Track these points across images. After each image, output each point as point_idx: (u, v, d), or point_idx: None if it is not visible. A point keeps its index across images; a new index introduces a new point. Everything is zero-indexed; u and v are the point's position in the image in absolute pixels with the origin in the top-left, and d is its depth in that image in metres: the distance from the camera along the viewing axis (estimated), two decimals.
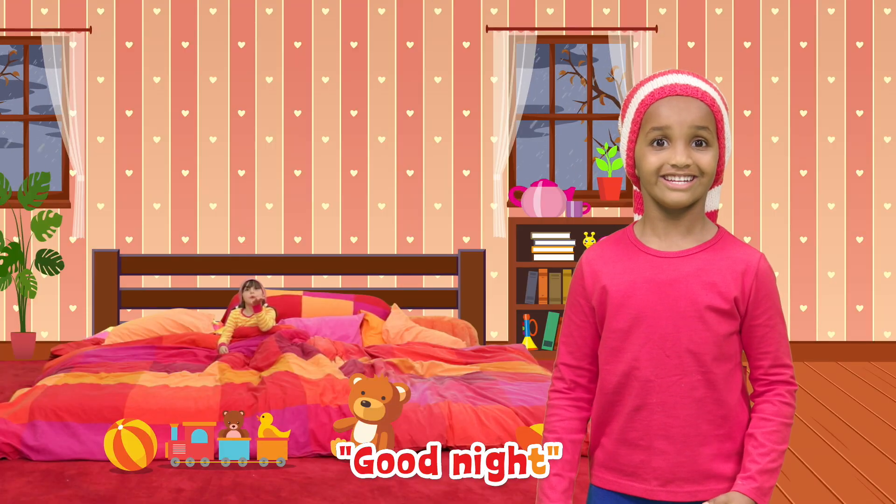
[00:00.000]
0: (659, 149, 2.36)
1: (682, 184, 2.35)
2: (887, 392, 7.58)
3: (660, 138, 2.36)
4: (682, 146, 2.35)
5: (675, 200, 2.36)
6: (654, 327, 2.38)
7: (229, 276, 8.58)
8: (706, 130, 2.35)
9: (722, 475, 2.40)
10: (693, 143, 2.36)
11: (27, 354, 8.45)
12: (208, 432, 4.84)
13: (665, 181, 2.36)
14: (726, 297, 2.37)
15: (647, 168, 2.37)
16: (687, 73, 2.40)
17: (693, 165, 2.35)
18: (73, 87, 8.55)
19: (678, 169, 2.35)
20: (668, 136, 2.36)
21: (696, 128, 2.35)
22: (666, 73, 2.40)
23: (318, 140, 8.77)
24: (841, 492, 5.27)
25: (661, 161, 2.36)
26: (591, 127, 8.99)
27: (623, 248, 2.44)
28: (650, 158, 2.37)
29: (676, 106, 2.35)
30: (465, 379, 5.84)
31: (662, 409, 2.39)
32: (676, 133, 2.35)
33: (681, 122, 2.35)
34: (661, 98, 2.36)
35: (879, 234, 8.82)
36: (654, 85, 2.38)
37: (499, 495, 4.43)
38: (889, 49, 8.80)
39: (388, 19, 8.77)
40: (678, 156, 2.35)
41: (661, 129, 2.35)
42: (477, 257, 8.12)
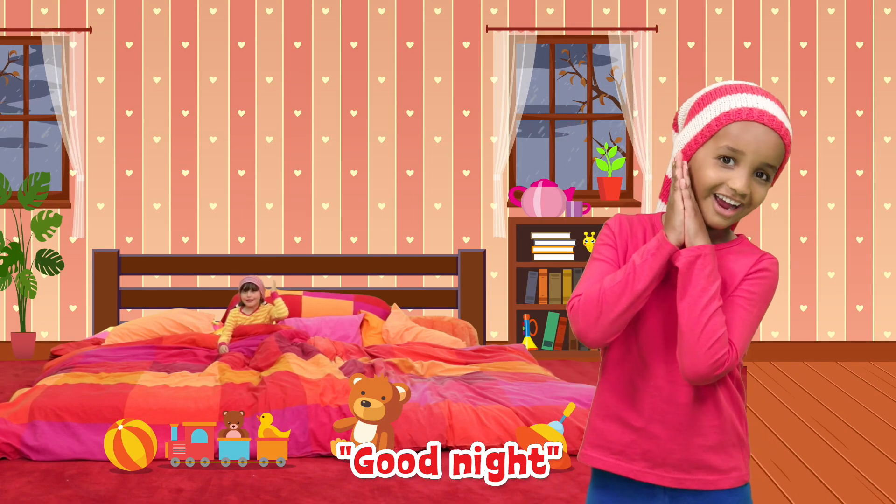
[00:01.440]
0: (724, 166, 2.36)
1: (729, 211, 2.37)
2: (887, 392, 7.58)
3: (728, 156, 2.36)
4: (746, 174, 2.35)
5: (715, 223, 2.38)
6: (664, 315, 2.40)
7: (229, 276, 8.58)
8: (772, 168, 2.36)
9: (710, 466, 2.41)
10: (756, 174, 2.36)
11: (27, 354, 8.45)
12: (208, 432, 4.84)
13: (715, 201, 2.37)
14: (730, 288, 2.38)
15: (706, 181, 2.36)
16: (773, 99, 2.38)
17: (748, 196, 2.36)
18: (73, 87, 8.55)
19: (735, 194, 2.35)
20: (738, 160, 2.36)
21: (766, 164, 2.35)
22: (754, 90, 2.38)
23: (318, 140, 8.77)
24: (841, 492, 5.27)
25: (721, 179, 2.35)
26: (591, 127, 8.99)
27: (648, 232, 2.45)
28: (710, 173, 2.36)
29: (757, 135, 2.35)
30: (465, 379, 5.84)
31: (660, 393, 2.41)
32: (748, 160, 2.35)
33: (756, 152, 2.34)
34: (750, 120, 2.35)
35: (879, 234, 8.82)
36: (742, 101, 2.36)
37: (499, 495, 4.43)
38: (889, 49, 8.80)
39: (388, 19, 8.77)
40: (740, 182, 2.35)
41: (735, 151, 2.35)
42: (477, 257, 8.12)
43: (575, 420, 5.08)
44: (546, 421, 5.08)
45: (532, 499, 4.38)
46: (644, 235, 2.45)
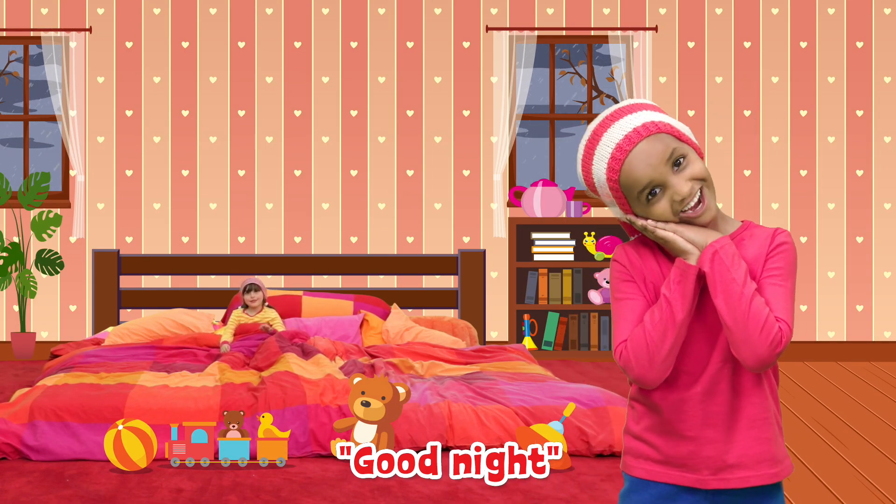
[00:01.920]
0: (657, 197, 2.36)
1: (699, 207, 2.36)
2: (887, 392, 7.58)
3: (649, 193, 2.36)
4: (673, 179, 2.35)
5: (706, 220, 2.37)
6: (694, 319, 2.40)
7: (229, 276, 8.58)
8: (674, 150, 2.34)
9: (771, 458, 2.42)
10: (675, 167, 2.35)
11: (27, 354, 8.45)
12: (208, 432, 4.84)
13: (685, 216, 2.36)
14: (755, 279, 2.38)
15: (662, 217, 2.36)
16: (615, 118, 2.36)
17: (693, 183, 2.35)
18: (73, 87, 8.55)
19: (687, 197, 2.34)
20: (656, 184, 2.35)
21: (668, 159, 2.34)
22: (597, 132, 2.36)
23: (318, 140, 8.77)
24: (841, 492, 5.27)
25: (668, 205, 2.35)
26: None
27: (652, 247, 2.44)
28: (657, 210, 2.36)
29: (644, 157, 2.34)
30: (465, 379, 5.84)
31: (707, 397, 2.41)
32: (657, 174, 2.34)
33: (651, 165, 2.33)
34: (621, 164, 2.34)
35: (879, 234, 8.82)
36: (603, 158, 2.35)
37: (499, 495, 4.43)
38: (889, 49, 8.80)
39: (388, 19, 8.78)
40: (680, 189, 2.34)
41: (645, 186, 2.35)
42: (477, 257, 8.12)
43: (575, 420, 5.08)
44: (546, 421, 5.09)
45: (532, 499, 4.38)
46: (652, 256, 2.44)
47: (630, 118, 2.36)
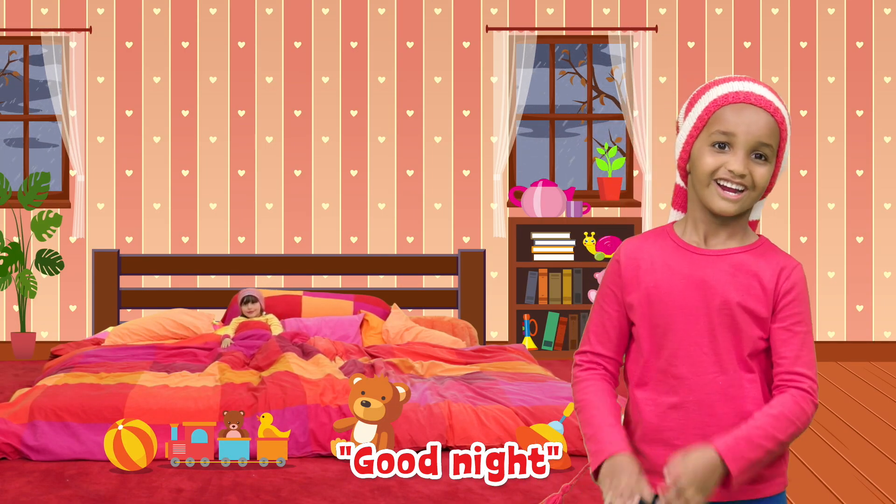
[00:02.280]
0: (720, 152, 2.36)
1: (733, 194, 2.36)
2: (887, 392, 7.58)
3: (723, 142, 2.36)
4: (742, 154, 2.36)
5: (721, 209, 2.37)
6: (691, 324, 2.38)
7: (229, 276, 8.58)
8: (768, 147, 2.37)
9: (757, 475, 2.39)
10: (753, 155, 2.36)
11: (27, 354, 8.45)
12: (208, 432, 4.84)
13: (717, 186, 2.36)
14: (759, 300, 2.36)
15: (703, 168, 2.37)
16: (762, 84, 2.40)
17: (748, 176, 2.35)
18: (73, 87, 8.55)
19: (734, 176, 2.35)
20: (732, 143, 2.36)
21: (761, 142, 2.36)
22: (742, 79, 2.40)
23: (318, 140, 8.77)
24: (841, 492, 5.27)
25: (718, 164, 2.36)
26: (591, 127, 8.99)
27: (662, 243, 2.43)
28: (708, 159, 2.37)
29: (747, 115, 2.36)
30: (465, 379, 5.84)
31: (699, 407, 2.39)
32: (741, 141, 2.35)
33: (748, 132, 2.35)
34: (735, 103, 2.37)
35: (879, 234, 8.82)
36: (729, 88, 2.38)
37: (499, 495, 4.43)
38: (889, 49, 8.80)
39: (388, 19, 8.77)
40: (737, 163, 2.35)
41: (727, 134, 2.36)
42: (477, 257, 8.12)
43: (575, 420, 5.08)
44: (546, 421, 5.09)
45: (532, 499, 4.38)
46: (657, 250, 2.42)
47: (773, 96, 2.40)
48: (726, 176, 2.35)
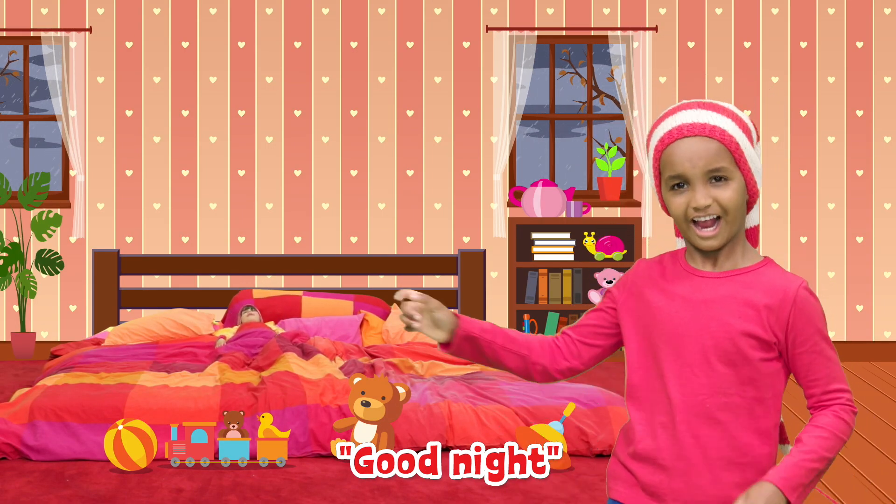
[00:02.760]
0: (680, 191, 2.36)
1: (709, 230, 2.35)
2: (887, 392, 7.58)
3: (678, 183, 2.36)
4: (700, 187, 2.34)
5: (705, 247, 2.37)
6: (686, 346, 2.37)
7: (229, 276, 8.58)
8: (721, 168, 2.34)
9: None
10: (711, 180, 2.35)
11: (27, 354, 8.45)
12: (208, 432, 4.84)
13: (694, 227, 2.36)
14: (758, 323, 2.35)
15: (675, 212, 2.38)
16: (697, 107, 2.37)
17: (714, 204, 2.34)
18: (73, 87, 8.55)
19: (700, 211, 2.34)
20: (686, 180, 2.35)
21: (710, 169, 2.34)
22: (677, 108, 2.38)
23: (318, 140, 8.77)
24: (841, 492, 5.27)
25: (684, 204, 2.36)
26: (591, 127, 8.99)
27: (672, 266, 2.45)
28: (673, 202, 2.37)
29: (688, 149, 2.34)
30: (465, 379, 5.84)
31: (688, 428, 2.37)
32: (691, 175, 2.34)
33: (693, 166, 2.34)
34: (673, 141, 2.35)
35: (879, 234, 8.82)
36: (665, 127, 2.37)
37: (499, 495, 4.43)
38: (889, 49, 8.80)
39: (388, 19, 8.77)
40: (698, 198, 2.34)
41: (677, 176, 2.36)
42: (477, 257, 8.12)
43: (575, 420, 5.08)
44: (546, 421, 5.09)
45: (532, 499, 4.38)
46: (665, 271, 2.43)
47: (709, 114, 2.35)
48: (694, 214, 2.35)
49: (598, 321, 2.50)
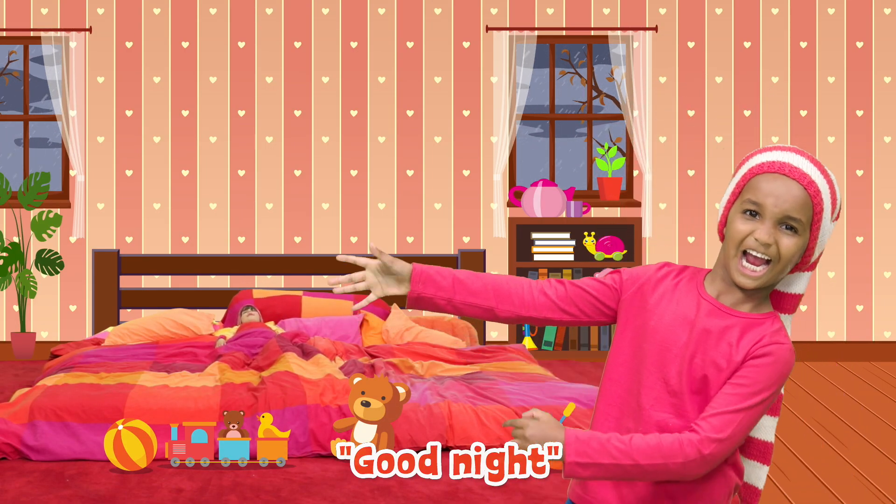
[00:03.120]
0: (750, 219, 2.35)
1: (756, 269, 2.34)
2: (887, 392, 7.58)
3: (753, 210, 2.35)
4: (769, 224, 2.34)
5: (741, 283, 2.36)
6: (668, 363, 2.37)
7: (229, 276, 8.58)
8: (797, 220, 2.33)
9: None
10: (783, 227, 2.34)
11: (27, 354, 8.45)
12: (208, 432, 4.84)
13: (743, 258, 2.35)
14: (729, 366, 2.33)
15: (734, 234, 2.36)
16: (804, 156, 2.37)
17: (773, 247, 2.33)
18: (73, 87, 8.55)
19: (759, 245, 2.33)
20: (761, 212, 2.35)
21: (788, 215, 2.33)
22: (786, 149, 2.38)
23: (318, 140, 8.77)
24: (841, 492, 5.27)
25: (748, 231, 2.35)
26: (591, 127, 8.99)
27: (688, 284, 2.43)
28: (738, 226, 2.36)
29: (778, 186, 2.34)
30: (465, 379, 5.84)
31: None
32: (768, 211, 2.34)
33: (776, 203, 2.33)
34: (769, 173, 2.35)
35: (879, 234, 8.82)
36: (766, 157, 2.37)
37: (499, 495, 4.43)
38: (889, 49, 8.80)
39: (388, 19, 8.77)
40: (763, 233, 2.33)
41: (756, 204, 2.35)
42: (477, 257, 8.12)
43: (575, 420, 5.08)
44: None
45: (532, 499, 4.38)
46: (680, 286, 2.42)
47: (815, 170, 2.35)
48: (752, 245, 2.34)
49: (598, 294, 2.48)
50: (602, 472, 2.28)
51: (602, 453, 2.27)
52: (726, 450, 2.27)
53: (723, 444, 2.27)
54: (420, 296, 2.51)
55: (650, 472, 2.26)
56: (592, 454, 2.27)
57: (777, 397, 2.37)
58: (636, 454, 2.26)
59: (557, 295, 2.49)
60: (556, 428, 2.30)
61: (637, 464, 2.26)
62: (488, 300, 2.50)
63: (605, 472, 2.28)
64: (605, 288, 2.48)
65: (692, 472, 2.27)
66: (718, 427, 2.27)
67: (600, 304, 2.48)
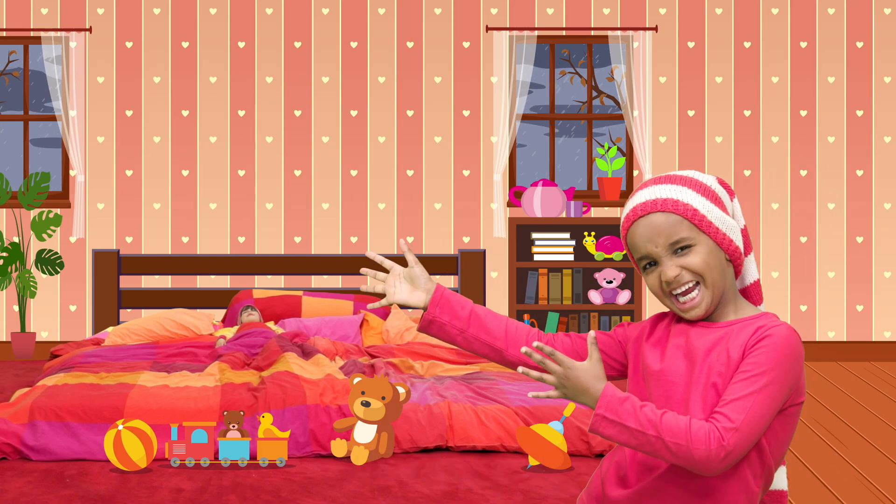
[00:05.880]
0: (652, 270, 2.35)
1: (690, 299, 2.32)
2: (887, 392, 7.58)
3: (647, 263, 2.35)
4: (666, 261, 2.32)
5: (692, 316, 2.34)
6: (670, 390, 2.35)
7: (229, 276, 8.58)
8: (682, 239, 2.31)
9: None
10: (676, 253, 2.32)
11: (27, 354, 8.45)
12: (208, 432, 4.84)
13: (674, 300, 2.34)
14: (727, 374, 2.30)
15: (653, 290, 2.36)
16: (652, 184, 2.35)
17: (683, 273, 2.31)
18: (73, 87, 8.55)
19: (673, 282, 2.32)
20: (653, 259, 2.34)
21: (670, 243, 2.32)
22: (636, 189, 2.37)
23: (318, 140, 8.78)
24: (841, 492, 5.27)
25: (657, 279, 2.34)
26: (591, 127, 9.00)
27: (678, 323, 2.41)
28: (649, 281, 2.36)
29: (645, 229, 2.33)
30: (465, 379, 5.84)
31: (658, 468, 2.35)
32: (655, 253, 2.33)
33: (654, 243, 2.32)
34: (631, 225, 2.35)
35: (879, 234, 8.82)
36: (624, 211, 2.37)
37: (499, 495, 4.43)
38: (889, 49, 8.80)
39: (388, 19, 8.78)
40: (666, 271, 2.32)
41: (643, 257, 2.34)
42: (477, 257, 8.12)
43: (575, 420, 5.08)
44: (546, 421, 5.09)
45: (532, 499, 4.38)
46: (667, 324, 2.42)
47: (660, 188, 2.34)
48: (670, 286, 2.33)
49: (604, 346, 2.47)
50: (625, 436, 2.24)
51: (631, 417, 2.23)
52: (744, 441, 2.21)
53: (739, 432, 2.21)
54: (434, 320, 2.47)
55: (671, 450, 2.21)
56: (622, 414, 2.23)
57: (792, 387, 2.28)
58: (663, 429, 2.22)
59: (564, 348, 2.48)
60: (598, 379, 2.26)
61: (661, 437, 2.21)
62: (499, 341, 2.48)
63: (629, 436, 2.23)
64: (609, 340, 2.47)
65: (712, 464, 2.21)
66: (731, 415, 2.22)
67: (606, 357, 2.47)
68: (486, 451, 5.06)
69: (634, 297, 8.57)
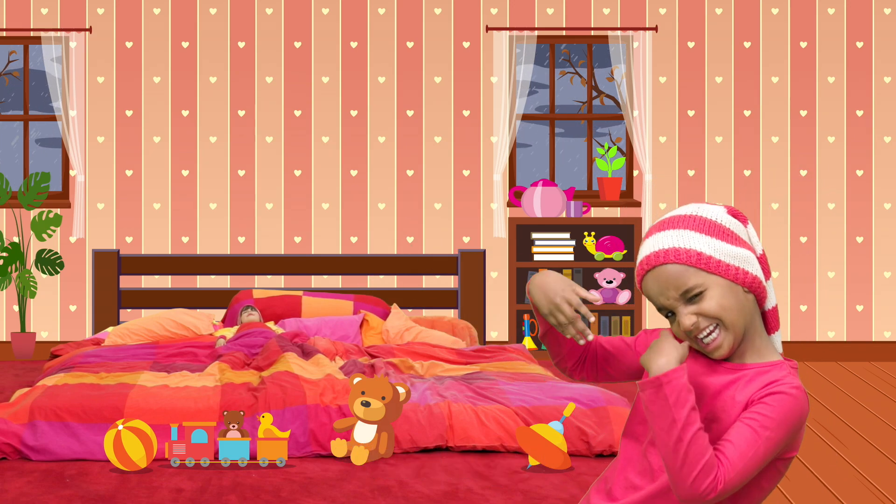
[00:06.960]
0: (672, 318, 2.30)
1: (711, 341, 2.27)
2: (887, 392, 7.58)
3: (665, 313, 2.31)
4: (681, 311, 2.27)
5: (717, 357, 2.29)
6: None
7: (229, 276, 8.58)
8: (694, 286, 2.25)
9: None
10: (690, 301, 2.27)
11: (27, 354, 8.45)
12: (208, 432, 4.84)
13: (699, 342, 2.29)
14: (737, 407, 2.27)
15: (678, 334, 2.30)
16: (654, 232, 2.31)
17: (699, 319, 2.26)
18: (73, 87, 8.55)
19: (692, 328, 2.26)
20: (669, 309, 2.29)
21: (680, 293, 2.26)
22: (645, 235, 2.33)
23: (318, 140, 8.78)
24: (841, 492, 5.27)
25: (678, 329, 2.29)
26: (591, 127, 9.00)
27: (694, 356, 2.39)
28: (673, 329, 2.31)
29: (654, 283, 2.28)
30: (465, 379, 5.84)
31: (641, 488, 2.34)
32: (670, 304, 2.28)
33: (665, 296, 2.27)
34: (644, 274, 2.30)
35: (879, 234, 8.82)
36: (637, 262, 2.33)
37: (499, 495, 4.43)
38: (889, 49, 8.80)
39: (388, 19, 8.78)
40: (684, 321, 2.26)
41: (659, 308, 2.31)
42: (477, 257, 8.12)
43: (575, 420, 5.08)
44: (546, 421, 5.09)
45: (532, 499, 4.38)
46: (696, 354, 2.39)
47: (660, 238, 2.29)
48: (691, 334, 2.28)
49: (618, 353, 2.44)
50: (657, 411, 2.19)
51: (679, 404, 2.18)
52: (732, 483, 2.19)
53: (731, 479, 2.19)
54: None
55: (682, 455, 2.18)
56: (670, 394, 2.19)
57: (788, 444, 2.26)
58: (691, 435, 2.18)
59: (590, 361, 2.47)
60: (675, 348, 2.22)
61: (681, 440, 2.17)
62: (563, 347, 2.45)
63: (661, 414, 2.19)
64: (626, 347, 2.44)
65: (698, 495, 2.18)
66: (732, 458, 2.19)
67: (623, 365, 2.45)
68: (486, 451, 5.06)
69: (634, 297, 8.58)
